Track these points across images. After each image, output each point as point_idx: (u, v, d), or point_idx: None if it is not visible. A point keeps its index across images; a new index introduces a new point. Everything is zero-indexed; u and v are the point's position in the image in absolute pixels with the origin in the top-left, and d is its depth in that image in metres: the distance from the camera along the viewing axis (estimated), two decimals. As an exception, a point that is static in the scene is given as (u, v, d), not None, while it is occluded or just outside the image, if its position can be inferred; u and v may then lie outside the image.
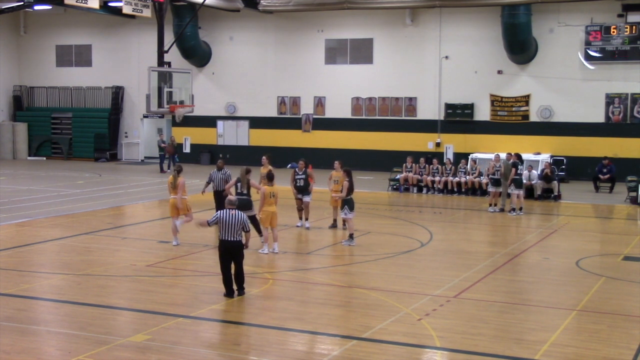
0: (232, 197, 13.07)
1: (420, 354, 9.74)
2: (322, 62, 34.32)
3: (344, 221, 17.09)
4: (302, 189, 18.74)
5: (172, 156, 33.42)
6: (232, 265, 12.11)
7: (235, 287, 12.15)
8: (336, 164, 18.84)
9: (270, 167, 18.58)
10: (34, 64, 40.12)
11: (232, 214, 12.07)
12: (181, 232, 16.64)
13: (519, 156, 22.63)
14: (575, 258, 15.52)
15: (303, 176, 18.80)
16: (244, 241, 12.43)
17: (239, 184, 16.50)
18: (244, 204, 15.69)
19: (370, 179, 29.50)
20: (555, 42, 30.34)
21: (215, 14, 34.72)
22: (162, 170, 32.84)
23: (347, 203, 16.66)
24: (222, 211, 12.20)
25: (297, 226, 18.91)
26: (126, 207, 22.90)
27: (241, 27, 35.59)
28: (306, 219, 18.90)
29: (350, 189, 16.74)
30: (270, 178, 16.20)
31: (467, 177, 26.18)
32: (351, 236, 16.79)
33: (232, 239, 12.00)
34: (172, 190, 16.52)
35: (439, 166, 26.86)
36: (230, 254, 12.03)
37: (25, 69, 40.35)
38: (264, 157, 18.77)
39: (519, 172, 22.00)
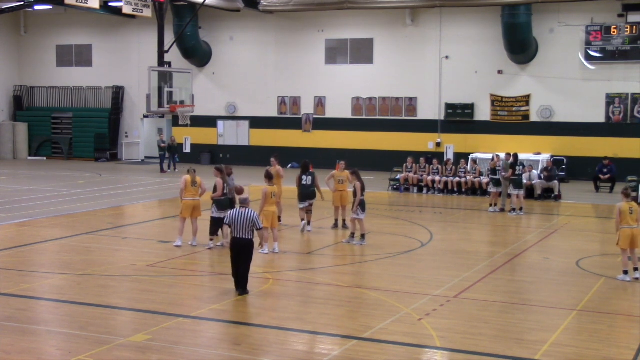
0: (244, 195, 13.15)
1: (420, 354, 9.74)
2: (323, 62, 34.32)
3: (353, 221, 16.98)
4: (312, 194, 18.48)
5: (172, 156, 33.49)
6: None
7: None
8: (341, 164, 18.66)
9: (278, 167, 18.51)
10: (34, 64, 40.13)
11: (242, 212, 12.24)
12: (184, 232, 16.59)
13: (515, 156, 22.64)
14: (575, 258, 15.52)
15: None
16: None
17: (225, 185, 16.12)
18: (226, 204, 15.71)
19: (370, 179, 29.43)
20: (555, 42, 30.33)
21: (216, 14, 34.72)
22: (162, 170, 32.87)
23: (360, 204, 16.65)
24: (233, 210, 12.42)
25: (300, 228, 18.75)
26: (126, 207, 22.90)
27: (241, 27, 35.60)
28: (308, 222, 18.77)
29: (362, 189, 16.77)
30: (269, 177, 16.21)
31: (467, 177, 26.18)
32: (363, 236, 16.80)
33: (242, 237, 12.19)
34: (191, 190, 16.08)
35: (439, 166, 26.86)
36: (240, 251, 12.19)
37: (25, 69, 40.36)
38: (272, 158, 18.80)
39: (517, 172, 22.02)
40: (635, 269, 13.67)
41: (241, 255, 12.18)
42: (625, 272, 13.64)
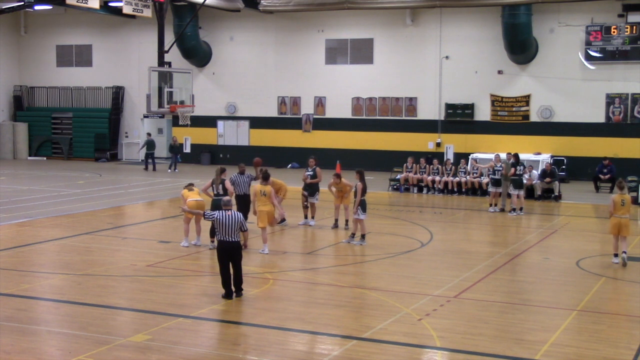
0: (227, 197, 13.07)
1: (420, 354, 9.74)
2: (323, 62, 34.33)
3: (355, 221, 16.99)
4: (309, 187, 19.04)
5: (174, 156, 33.57)
6: (231, 267, 12.09)
7: (233, 288, 12.12)
8: (334, 178, 18.49)
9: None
10: (34, 64, 40.14)
11: (229, 215, 12.03)
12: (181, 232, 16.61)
13: (516, 157, 22.68)
14: (575, 258, 15.52)
15: (311, 172, 19.21)
16: (242, 242, 12.39)
17: (214, 185, 16.00)
18: (218, 205, 15.02)
19: (370, 179, 29.37)
20: (555, 42, 30.34)
21: (216, 14, 34.73)
22: (146, 168, 33.16)
23: (360, 204, 16.64)
24: (220, 212, 12.17)
25: (300, 224, 19.02)
26: (126, 207, 22.89)
27: (241, 27, 35.60)
28: (312, 217, 19.11)
29: (364, 190, 16.76)
30: (265, 177, 16.19)
31: (468, 177, 26.19)
32: (363, 237, 16.80)
33: (230, 240, 11.97)
34: (190, 194, 16.00)
35: (440, 166, 26.86)
36: (229, 254, 12.00)
37: (25, 69, 40.37)
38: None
39: (517, 172, 22.04)
40: (624, 252, 14.93)
41: (230, 258, 11.99)
42: (616, 255, 15.04)
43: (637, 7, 29.00)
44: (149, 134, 34.96)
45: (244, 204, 17.05)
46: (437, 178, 26.42)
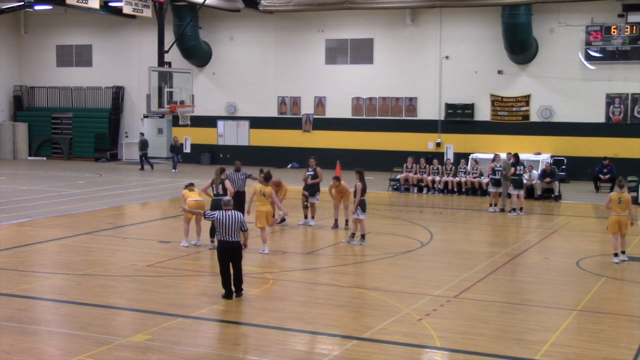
0: (227, 197, 13.07)
1: (420, 354, 9.74)
2: (323, 62, 34.33)
3: (354, 221, 17.00)
4: (310, 187, 19.05)
5: (175, 156, 33.61)
6: (231, 267, 12.09)
7: (233, 288, 12.12)
8: (334, 180, 18.52)
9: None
10: (34, 64, 40.14)
11: (229, 215, 12.03)
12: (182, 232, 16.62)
13: (516, 156, 22.68)
14: (575, 258, 15.53)
15: (312, 172, 19.20)
16: (242, 242, 12.41)
17: (213, 185, 16.05)
18: (218, 205, 15.07)
19: (370, 179, 29.38)
20: (555, 42, 30.34)
21: (216, 14, 34.73)
22: (142, 168, 33.39)
23: (360, 204, 16.65)
24: (220, 212, 12.16)
25: (300, 224, 19.03)
26: (126, 207, 22.90)
27: (241, 27, 35.60)
28: (312, 217, 19.12)
29: (363, 190, 16.76)
30: (266, 178, 16.20)
31: (468, 177, 26.19)
32: (363, 237, 16.81)
33: (230, 239, 11.96)
34: (191, 194, 16.04)
35: (440, 166, 26.86)
36: (229, 254, 12.00)
37: (25, 69, 40.38)
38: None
39: (517, 172, 22.05)
40: (622, 252, 15.13)
41: (230, 258, 11.99)
42: (615, 255, 15.11)
43: (637, 7, 29.01)
44: (141, 134, 35.07)
45: (238, 201, 17.10)
46: (437, 178, 26.42)
